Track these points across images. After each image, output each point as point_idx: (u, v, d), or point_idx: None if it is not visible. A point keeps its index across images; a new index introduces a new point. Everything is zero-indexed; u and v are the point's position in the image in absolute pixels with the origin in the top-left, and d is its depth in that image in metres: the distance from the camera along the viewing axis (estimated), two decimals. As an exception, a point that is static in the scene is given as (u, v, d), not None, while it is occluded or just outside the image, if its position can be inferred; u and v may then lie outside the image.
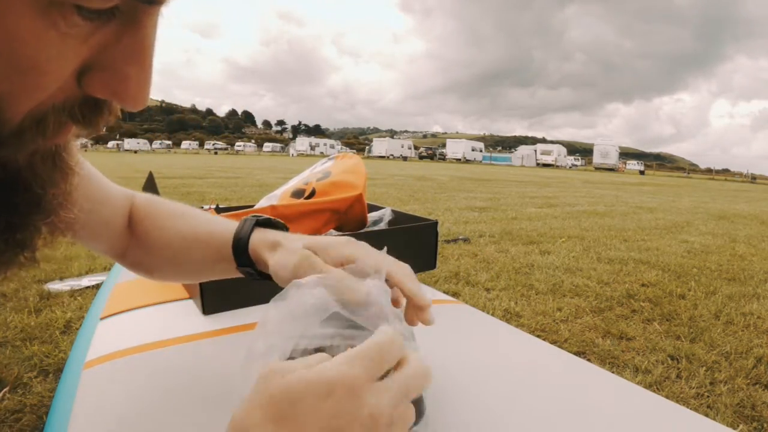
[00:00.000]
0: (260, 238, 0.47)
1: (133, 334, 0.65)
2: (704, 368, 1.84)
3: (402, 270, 0.42)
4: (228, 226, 0.50)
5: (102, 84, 0.22)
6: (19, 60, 0.18)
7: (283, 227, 0.50)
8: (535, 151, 57.05)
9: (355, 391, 0.27)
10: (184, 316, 0.72)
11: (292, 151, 63.67)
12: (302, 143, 68.60)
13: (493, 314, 2.20)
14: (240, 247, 0.47)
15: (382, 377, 0.29)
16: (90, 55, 0.21)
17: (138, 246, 0.54)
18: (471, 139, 76.98)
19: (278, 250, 0.44)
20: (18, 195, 0.24)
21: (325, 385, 0.27)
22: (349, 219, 0.91)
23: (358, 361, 0.28)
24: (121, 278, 0.89)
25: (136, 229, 0.54)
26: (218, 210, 1.02)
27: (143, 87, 0.23)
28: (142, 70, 0.22)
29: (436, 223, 0.98)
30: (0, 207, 0.24)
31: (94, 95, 0.22)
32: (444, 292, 0.93)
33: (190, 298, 0.78)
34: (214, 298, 0.72)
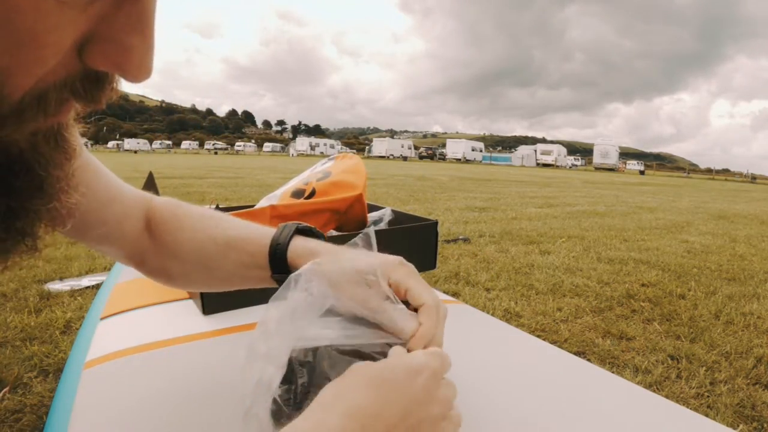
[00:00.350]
0: (301, 246, 0.45)
1: (133, 334, 0.65)
2: (704, 368, 1.84)
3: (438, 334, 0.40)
4: (264, 231, 0.48)
5: (104, 56, 0.21)
6: (17, 31, 0.17)
7: (320, 236, 0.48)
8: (535, 151, 57.05)
9: (437, 375, 0.35)
10: (184, 316, 0.72)
11: (292, 151, 63.67)
12: (302, 143, 68.60)
13: (493, 314, 2.20)
14: (278, 253, 0.45)
15: None
16: (90, 26, 0.20)
17: (160, 251, 0.50)
18: (471, 139, 77.00)
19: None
20: (19, 178, 0.23)
21: (417, 366, 0.35)
22: (349, 219, 0.91)
23: (436, 356, 0.36)
24: (121, 278, 0.89)
25: (156, 232, 0.50)
26: (218, 210, 1.02)
27: (146, 57, 0.22)
28: (145, 39, 0.21)
29: (436, 223, 0.98)
30: (0, 191, 0.23)
31: (96, 68, 0.21)
32: (444, 292, 0.93)
33: (190, 298, 0.78)
34: (214, 298, 0.72)
